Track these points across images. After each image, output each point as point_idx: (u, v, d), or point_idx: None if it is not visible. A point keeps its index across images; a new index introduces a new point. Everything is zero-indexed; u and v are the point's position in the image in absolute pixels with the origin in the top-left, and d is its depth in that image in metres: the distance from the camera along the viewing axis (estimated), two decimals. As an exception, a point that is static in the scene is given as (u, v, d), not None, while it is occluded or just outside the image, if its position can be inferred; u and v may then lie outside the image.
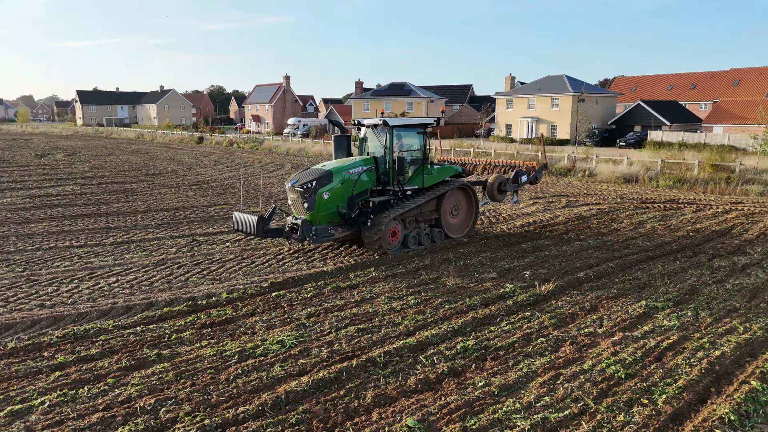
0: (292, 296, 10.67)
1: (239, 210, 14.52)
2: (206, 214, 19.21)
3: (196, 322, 9.33)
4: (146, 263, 12.98)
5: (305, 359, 7.83)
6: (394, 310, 9.82)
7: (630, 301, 10.19)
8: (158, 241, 15.26)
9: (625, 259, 13.17)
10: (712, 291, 10.70)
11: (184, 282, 11.63)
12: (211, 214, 19.25)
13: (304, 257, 13.65)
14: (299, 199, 13.45)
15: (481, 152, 40.63)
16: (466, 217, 16.04)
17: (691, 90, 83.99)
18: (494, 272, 12.12)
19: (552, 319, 9.25)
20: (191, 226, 17.39)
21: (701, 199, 22.90)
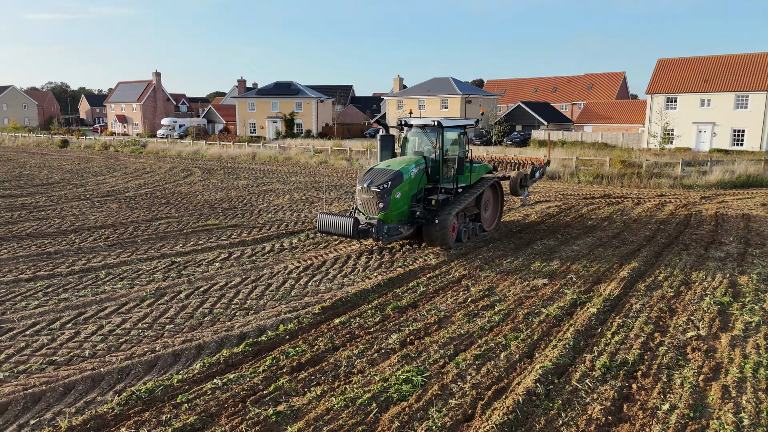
0: (359, 321, 9.43)
1: (324, 212, 14.50)
2: (157, 231, 16.66)
3: (280, 365, 7.80)
4: (142, 295, 10.77)
5: (456, 399, 6.84)
6: (485, 329, 9.07)
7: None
8: (129, 267, 12.82)
9: (647, 250, 13.67)
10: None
11: (211, 315, 9.79)
12: (163, 230, 16.74)
13: (318, 273, 12.27)
14: (374, 200, 13.77)
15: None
16: (494, 211, 17.00)
17: (553, 92, 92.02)
18: (541, 277, 11.83)
19: (649, 324, 9.16)
20: (151, 245, 14.93)
21: (629, 193, 24.88)
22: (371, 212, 13.96)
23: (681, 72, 51.26)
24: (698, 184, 26.85)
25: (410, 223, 14.34)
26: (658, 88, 50.95)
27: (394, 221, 13.98)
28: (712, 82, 48.72)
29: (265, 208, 20.80)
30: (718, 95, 47.79)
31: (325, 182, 27.48)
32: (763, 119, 46.17)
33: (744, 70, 47.93)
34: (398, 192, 13.72)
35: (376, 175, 13.95)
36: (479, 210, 15.80)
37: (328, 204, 21.65)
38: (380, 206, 13.68)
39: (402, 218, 14.14)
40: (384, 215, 13.75)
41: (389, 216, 13.83)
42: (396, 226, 13.94)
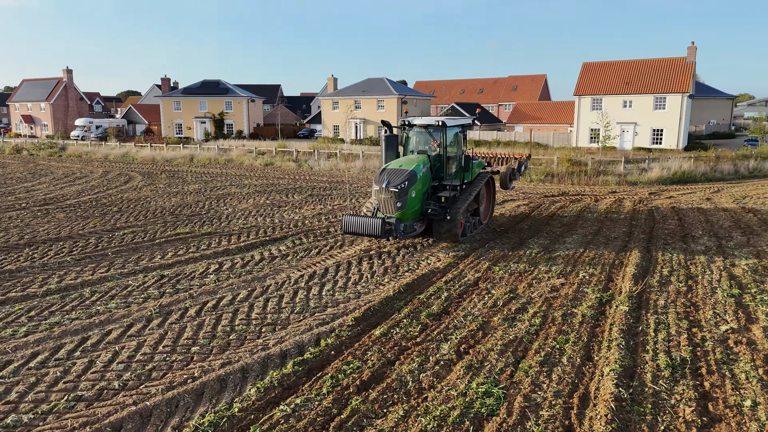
0: (400, 331, 8.99)
1: (349, 214, 14.69)
2: (125, 242, 15.26)
3: (342, 384, 7.24)
4: (146, 314, 9.72)
5: (546, 410, 6.61)
6: (530, 333, 8.93)
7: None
8: (113, 283, 11.58)
9: (634, 245, 14.13)
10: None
11: (235, 334, 8.99)
12: (132, 240, 15.36)
13: (326, 281, 11.67)
14: (393, 199, 14.13)
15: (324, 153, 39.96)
16: (487, 204, 17.76)
17: (480, 94, 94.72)
18: (555, 276, 11.89)
19: (682, 320, 9.41)
20: (126, 257, 13.62)
21: (582, 191, 25.90)
22: (389, 211, 14.27)
23: (605, 75, 54.32)
24: (641, 181, 28.45)
25: (422, 221, 14.86)
26: (585, 90, 53.68)
27: (409, 219, 14.44)
28: (633, 84, 51.99)
29: (233, 213, 19.69)
30: (638, 97, 51.05)
31: (348, 189, 26.26)
32: (679, 119, 49.84)
33: (661, 73, 51.53)
34: (413, 191, 14.16)
35: (391, 175, 14.23)
36: (478, 204, 16.56)
37: (344, 207, 20.87)
38: (398, 205, 14.11)
39: (415, 216, 14.62)
40: (401, 214, 14.14)
41: (406, 214, 14.26)
42: (411, 224, 14.44)
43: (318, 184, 28.13)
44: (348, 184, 27.99)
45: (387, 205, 14.32)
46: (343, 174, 33.11)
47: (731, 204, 21.50)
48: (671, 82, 50.35)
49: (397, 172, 14.28)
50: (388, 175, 14.33)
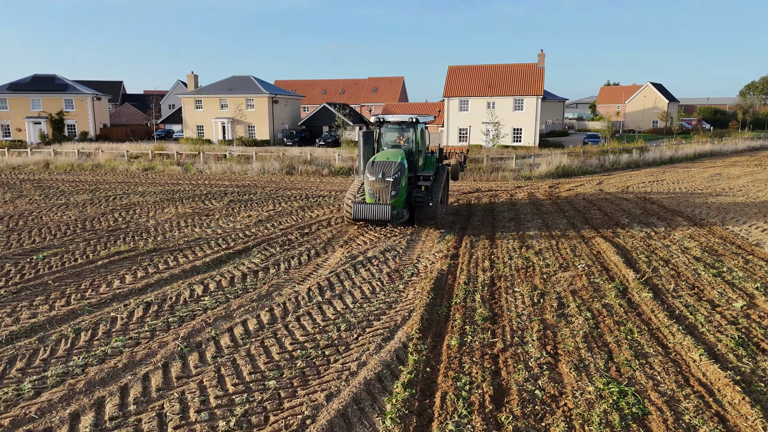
0: (471, 339, 8.66)
1: (357, 202, 15.88)
2: (55, 266, 12.68)
3: (477, 404, 6.77)
4: (175, 350, 8.16)
5: (689, 402, 6.85)
6: (591, 327, 9.17)
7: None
8: (93, 317, 9.55)
9: (588, 232, 15.23)
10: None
11: (306, 360, 7.95)
12: (68, 265, 12.81)
13: (344, 294, 10.87)
14: (388, 188, 15.44)
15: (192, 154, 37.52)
16: (446, 193, 18.92)
17: (342, 94, 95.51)
18: (556, 269, 12.35)
19: (703, 302, 10.37)
20: (75, 286, 11.32)
21: (490, 186, 27.40)
22: (383, 199, 15.57)
23: (470, 78, 58.06)
24: (534, 176, 30.92)
25: (408, 208, 16.45)
26: (453, 92, 56.86)
27: (399, 206, 15.88)
28: (495, 87, 56.31)
29: (159, 225, 17.40)
30: (500, 99, 55.43)
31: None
32: (535, 119, 55.12)
33: (518, 77, 56.51)
34: (403, 180, 15.60)
35: (384, 166, 15.54)
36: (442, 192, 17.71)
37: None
38: (393, 194, 15.48)
39: (402, 204, 16.07)
40: (394, 202, 15.53)
41: (398, 202, 15.71)
42: (401, 211, 15.90)
43: (224, 188, 26.07)
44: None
45: (383, 194, 15.57)
46: (240, 177, 31.11)
47: (620, 192, 24.31)
48: (527, 85, 55.46)
49: (389, 164, 15.57)
50: (381, 166, 15.58)
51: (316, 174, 32.05)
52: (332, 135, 62.69)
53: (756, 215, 18.82)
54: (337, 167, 32.76)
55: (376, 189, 15.60)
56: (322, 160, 35.22)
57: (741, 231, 16.36)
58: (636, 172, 33.45)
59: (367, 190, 15.93)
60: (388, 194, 15.49)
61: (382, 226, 16.72)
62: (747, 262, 12.94)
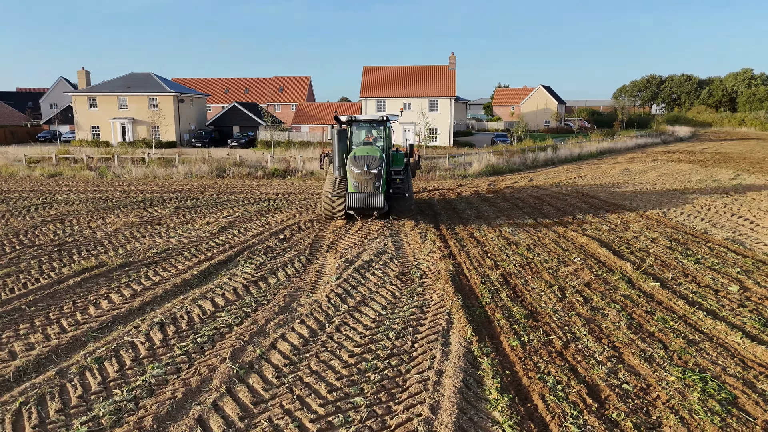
0: (540, 338, 8.71)
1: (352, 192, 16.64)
2: (17, 288, 11.03)
3: (589, 404, 6.81)
4: (231, 373, 7.38)
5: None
6: (630, 318, 9.59)
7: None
8: (103, 344, 8.39)
9: (555, 225, 15.94)
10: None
11: (390, 370, 7.55)
12: (31, 287, 11.16)
13: (369, 299, 10.48)
14: (373, 180, 16.52)
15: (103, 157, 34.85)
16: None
17: (246, 93, 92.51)
18: (559, 263, 12.76)
19: (706, 289, 11.21)
20: (56, 309, 9.90)
21: (436, 186, 27.85)
22: (368, 190, 16.63)
23: (385, 79, 58.61)
24: (469, 174, 31.89)
25: (387, 199, 17.42)
26: (369, 93, 57.11)
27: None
28: (411, 88, 57.36)
29: (112, 237, 15.73)
30: (416, 99, 56.56)
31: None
32: (450, 120, 56.90)
33: (432, 79, 57.98)
34: (383, 173, 16.74)
35: (367, 160, 16.53)
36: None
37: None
38: (376, 185, 16.60)
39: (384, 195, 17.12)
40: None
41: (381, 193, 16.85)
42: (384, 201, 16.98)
43: (158, 194, 24.16)
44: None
45: (368, 185, 16.60)
46: (167, 181, 29.00)
47: (555, 187, 25.79)
48: (440, 86, 57.06)
49: (371, 158, 16.59)
50: (364, 160, 16.55)
51: (250, 176, 30.69)
52: (245, 135, 60.52)
53: (682, 204, 20.77)
54: (271, 169, 31.60)
55: (362, 181, 16.59)
56: (253, 161, 33.82)
57: (682, 219, 17.95)
58: (556, 169, 35.62)
59: (351, 183, 16.77)
60: (372, 185, 16.59)
61: (368, 217, 17.80)
62: (712, 249, 14.22)
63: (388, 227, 16.92)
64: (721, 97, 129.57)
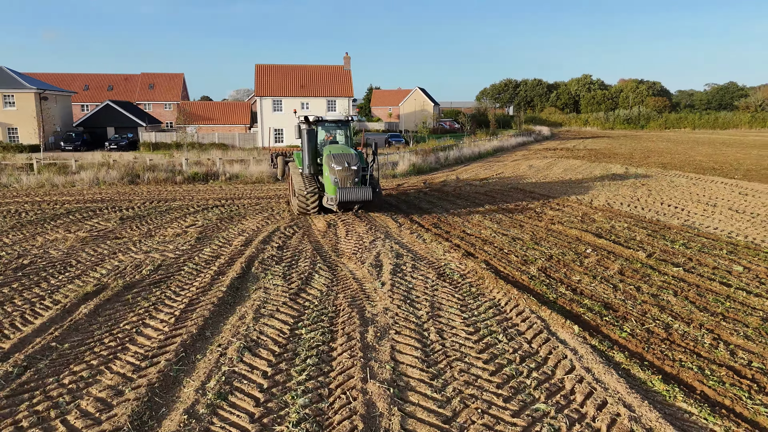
0: (631, 328, 9.07)
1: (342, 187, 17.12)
2: (18, 325, 9.07)
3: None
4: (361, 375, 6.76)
5: (829, 343, 8.37)
6: (678, 301, 10.38)
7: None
8: (207, 414, 7.24)
9: (524, 213, 16.77)
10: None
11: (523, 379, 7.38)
12: (25, 321, 9.20)
13: (432, 309, 10.21)
14: (353, 175, 17.44)
15: None
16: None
17: (110, 91, 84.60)
18: (569, 254, 13.39)
19: (703, 266, 12.48)
20: (104, 349, 8.34)
21: (385, 185, 27.67)
22: (348, 186, 17.39)
23: (281, 78, 56.95)
24: (399, 173, 32.21)
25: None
26: (265, 92, 55.16)
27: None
28: (308, 87, 56.42)
29: (74, 255, 13.50)
30: (314, 99, 55.79)
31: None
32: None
33: (329, 78, 57.53)
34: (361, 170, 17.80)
35: (346, 158, 17.51)
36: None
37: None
38: (356, 180, 17.51)
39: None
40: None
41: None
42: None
43: (81, 205, 21.17)
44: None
45: (348, 180, 17.43)
46: (69, 190, 25.48)
47: (487, 183, 27.13)
48: (338, 87, 56.88)
49: (349, 156, 17.56)
50: (343, 158, 17.48)
51: (168, 182, 28.05)
52: (124, 137, 55.25)
53: (607, 193, 22.91)
54: (190, 173, 29.19)
55: (343, 177, 17.42)
56: (165, 166, 30.97)
57: (624, 208, 19.80)
58: (470, 167, 37.30)
59: (331, 179, 17.53)
60: (352, 181, 17.45)
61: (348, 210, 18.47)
62: (683, 235, 15.91)
63: (374, 229, 16.51)
64: (567, 100, 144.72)
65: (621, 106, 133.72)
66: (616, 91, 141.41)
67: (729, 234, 16.00)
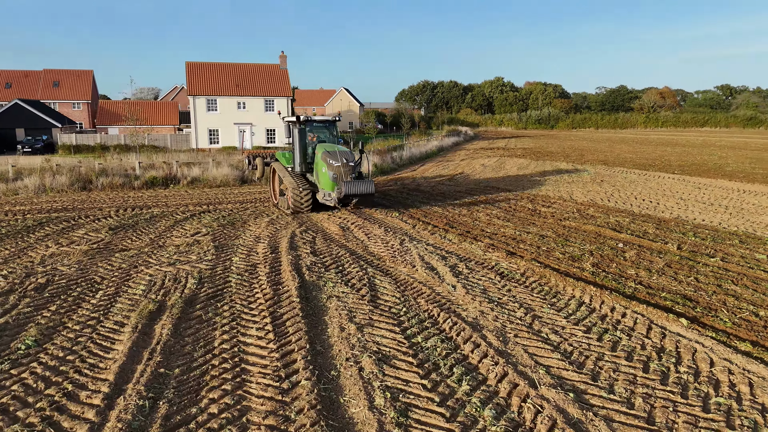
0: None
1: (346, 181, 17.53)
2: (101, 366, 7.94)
3: None
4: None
5: None
6: (709, 276, 11.05)
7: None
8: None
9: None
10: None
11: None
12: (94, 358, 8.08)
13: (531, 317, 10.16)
14: (349, 171, 18.01)
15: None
16: None
17: (8, 89, 76.88)
18: (603, 249, 13.83)
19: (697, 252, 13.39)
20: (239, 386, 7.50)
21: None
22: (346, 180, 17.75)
23: (215, 76, 54.36)
24: (363, 174, 31.79)
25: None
26: (198, 91, 52.44)
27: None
28: (244, 87, 54.33)
29: (90, 270, 11.99)
30: (251, 99, 53.86)
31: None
32: (287, 120, 55.49)
33: (266, 78, 55.74)
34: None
35: (342, 154, 18.09)
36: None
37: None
38: (353, 175, 18.23)
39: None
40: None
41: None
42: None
43: (40, 216, 18.96)
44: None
45: (345, 176, 17.93)
46: (20, 199, 22.74)
47: (453, 181, 27.58)
48: (275, 86, 55.30)
49: (344, 153, 18.25)
50: (340, 155, 18.05)
51: (126, 187, 25.85)
52: (38, 140, 50.41)
53: (573, 189, 24.08)
54: (148, 178, 27.07)
55: (341, 173, 17.90)
56: (114, 170, 28.51)
57: (600, 201, 20.87)
58: (426, 166, 37.57)
59: (330, 175, 18.00)
60: (349, 176, 17.99)
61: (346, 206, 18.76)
62: (677, 226, 16.96)
63: (390, 230, 16.16)
64: (481, 102, 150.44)
65: (531, 108, 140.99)
66: (526, 93, 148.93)
67: (721, 225, 17.29)
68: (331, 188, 18.13)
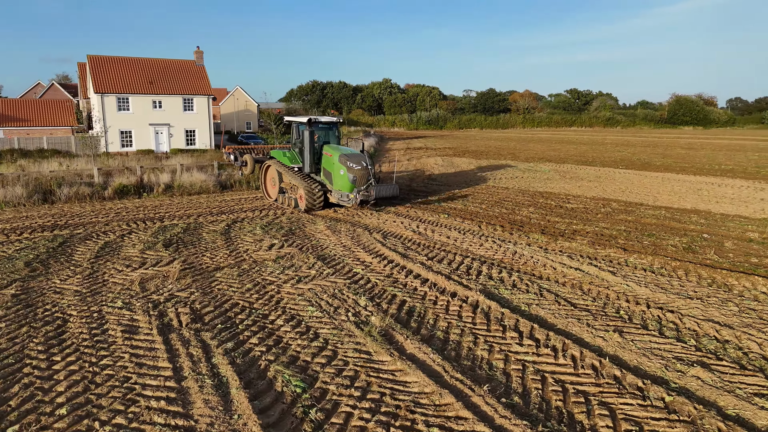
0: None
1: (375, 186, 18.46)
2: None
3: None
4: None
5: None
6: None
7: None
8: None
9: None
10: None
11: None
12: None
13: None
14: (368, 174, 18.60)
15: None
16: None
17: None
18: (635, 243, 15.07)
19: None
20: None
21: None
22: (362, 184, 18.57)
23: (123, 72, 49.44)
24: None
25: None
26: (106, 88, 47.43)
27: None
28: (159, 84, 50.09)
29: (213, 298, 10.69)
30: (168, 98, 49.84)
31: None
32: (208, 120, 52.21)
33: (183, 75, 51.86)
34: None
35: (361, 158, 18.71)
36: None
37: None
38: (369, 178, 18.63)
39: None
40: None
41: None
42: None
43: (35, 236, 16.29)
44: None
45: (364, 179, 18.59)
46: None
47: (415, 177, 28.19)
48: (194, 84, 51.74)
49: (360, 156, 18.81)
50: (356, 158, 18.66)
51: (96, 197, 22.80)
52: None
53: (569, 186, 25.85)
54: (116, 185, 24.10)
55: (360, 176, 18.50)
56: (70, 179, 24.99)
57: (601, 196, 22.66)
58: (379, 164, 37.65)
59: (349, 178, 18.49)
60: (367, 179, 18.57)
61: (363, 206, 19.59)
62: (704, 217, 18.96)
63: (417, 231, 16.26)
64: (371, 103, 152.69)
65: (419, 109, 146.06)
66: (414, 94, 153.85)
67: (735, 214, 19.51)
68: (349, 190, 18.62)
